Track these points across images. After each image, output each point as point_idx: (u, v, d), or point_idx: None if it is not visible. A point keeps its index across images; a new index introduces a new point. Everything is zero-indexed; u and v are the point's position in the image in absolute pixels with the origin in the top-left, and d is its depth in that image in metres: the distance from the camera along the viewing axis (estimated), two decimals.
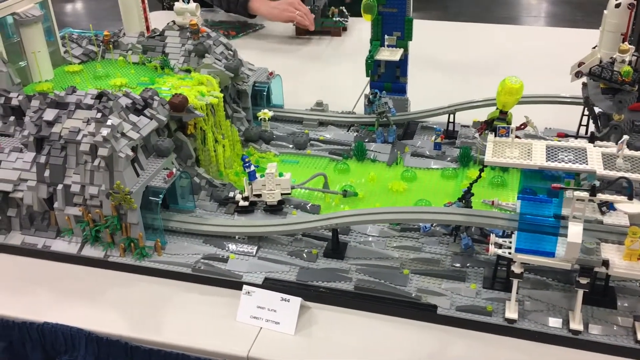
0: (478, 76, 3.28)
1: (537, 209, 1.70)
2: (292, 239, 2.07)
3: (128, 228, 2.00)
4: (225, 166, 2.43)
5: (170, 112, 2.21)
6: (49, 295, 1.96)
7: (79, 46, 2.67)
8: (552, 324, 1.70)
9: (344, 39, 3.92)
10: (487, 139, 1.70)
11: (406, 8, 2.58)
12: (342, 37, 3.92)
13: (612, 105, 1.84)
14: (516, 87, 1.67)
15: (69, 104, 2.06)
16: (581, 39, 3.73)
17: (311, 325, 1.81)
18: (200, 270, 1.96)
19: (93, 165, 1.97)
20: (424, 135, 2.66)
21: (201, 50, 2.51)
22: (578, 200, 1.50)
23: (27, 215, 2.11)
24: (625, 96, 1.81)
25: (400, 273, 1.90)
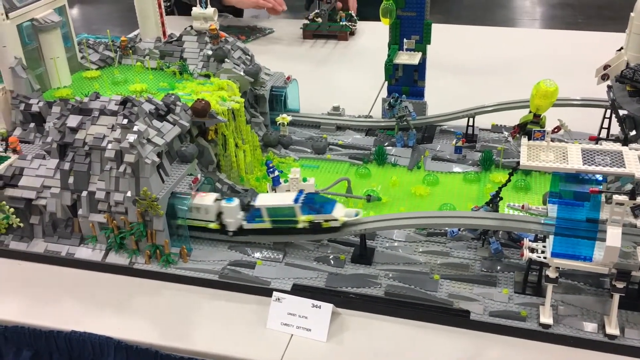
0: (492, 79, 3.28)
1: (570, 213, 1.69)
2: (318, 244, 2.06)
3: (154, 235, 1.99)
4: (247, 171, 2.42)
5: (192, 118, 2.19)
6: (74, 304, 1.94)
7: (95, 52, 2.65)
8: (588, 329, 1.69)
9: (352, 42, 3.92)
10: (520, 143, 1.69)
11: (425, 11, 2.57)
12: (348, 41, 3.91)
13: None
14: (551, 90, 1.66)
15: (92, 110, 2.04)
16: (588, 41, 3.78)
17: (343, 332, 1.79)
18: (227, 277, 1.95)
19: (118, 171, 1.95)
20: (443, 139, 2.65)
21: (220, 55, 2.50)
22: (617, 203, 1.49)
23: (50, 223, 2.09)
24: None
25: (430, 278, 1.89)
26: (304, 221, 1.88)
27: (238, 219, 1.97)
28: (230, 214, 1.97)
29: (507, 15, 8.80)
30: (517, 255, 1.94)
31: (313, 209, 1.89)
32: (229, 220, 1.98)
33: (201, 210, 1.99)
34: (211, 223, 1.99)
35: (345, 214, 1.88)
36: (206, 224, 2.00)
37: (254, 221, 1.96)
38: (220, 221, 1.99)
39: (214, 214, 1.98)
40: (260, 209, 1.93)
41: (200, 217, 2.00)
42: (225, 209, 1.97)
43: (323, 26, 3.87)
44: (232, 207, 1.96)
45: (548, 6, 9.13)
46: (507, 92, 2.68)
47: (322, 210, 1.88)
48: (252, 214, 1.97)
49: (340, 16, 3.92)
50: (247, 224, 1.97)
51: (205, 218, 2.00)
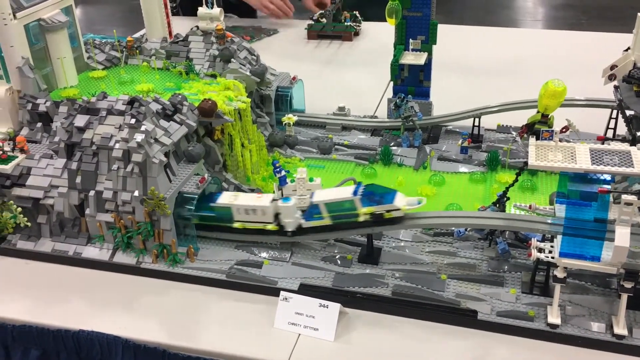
0: (496, 79, 3.28)
1: (578, 213, 1.69)
2: (325, 244, 2.06)
3: (161, 234, 1.99)
4: (253, 171, 2.42)
5: (199, 118, 2.20)
6: (82, 303, 1.94)
7: (102, 52, 2.65)
8: (596, 329, 1.69)
9: (356, 43, 3.92)
10: (528, 143, 1.69)
11: (431, 12, 2.57)
12: (352, 42, 3.91)
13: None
14: (559, 90, 1.66)
15: (100, 109, 2.04)
16: (591, 41, 3.78)
17: (350, 332, 1.80)
18: (235, 277, 1.95)
19: (126, 171, 1.96)
20: (448, 139, 2.65)
21: (227, 55, 2.50)
22: (626, 203, 1.49)
23: (58, 222, 2.10)
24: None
25: (437, 278, 1.89)
26: (365, 213, 1.82)
27: (296, 217, 1.92)
28: (288, 213, 1.91)
29: (509, 15, 8.80)
30: (524, 256, 1.95)
31: (373, 200, 1.81)
32: (288, 220, 1.92)
33: (257, 212, 1.93)
34: (269, 225, 1.94)
35: (407, 202, 1.81)
36: (264, 226, 1.95)
37: (313, 218, 1.89)
38: (278, 222, 1.94)
39: (271, 215, 1.93)
40: (318, 205, 1.87)
41: (256, 219, 1.95)
42: (283, 209, 1.91)
43: (327, 27, 3.88)
44: (289, 207, 1.90)
45: (550, 7, 9.13)
46: (512, 92, 2.68)
47: (382, 201, 1.81)
48: (309, 211, 1.90)
49: (345, 17, 3.93)
50: (306, 222, 1.91)
51: (263, 220, 1.94)
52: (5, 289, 2.01)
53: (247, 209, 1.94)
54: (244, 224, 1.97)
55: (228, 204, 1.96)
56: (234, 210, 1.96)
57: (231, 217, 1.97)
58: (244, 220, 1.96)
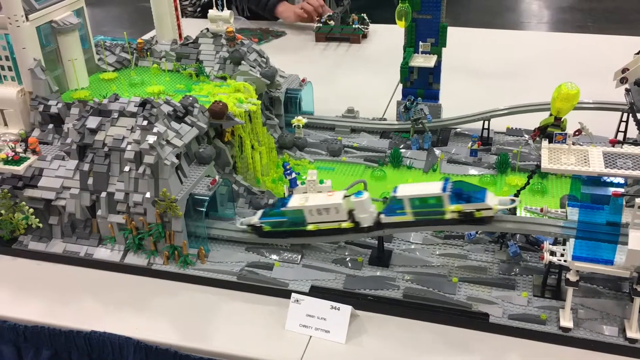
0: (504, 82, 3.28)
1: (591, 216, 1.69)
2: (335, 246, 2.06)
3: (172, 236, 1.99)
4: (263, 173, 2.42)
5: (210, 119, 2.20)
6: (93, 304, 1.95)
7: (112, 54, 2.66)
8: (608, 332, 1.69)
9: (364, 45, 3.92)
10: (541, 146, 1.69)
11: (440, 14, 2.57)
12: (360, 44, 3.91)
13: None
14: (573, 93, 1.66)
15: (111, 111, 2.05)
16: (599, 44, 3.78)
17: (361, 334, 1.80)
18: (245, 278, 1.95)
19: (138, 172, 1.96)
20: (458, 142, 2.65)
21: (237, 57, 2.51)
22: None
23: (69, 223, 2.10)
24: None
25: (448, 281, 1.89)
26: (452, 211, 1.73)
27: (371, 212, 1.84)
28: (363, 208, 1.83)
29: (515, 18, 8.79)
30: (535, 259, 1.94)
31: (462, 198, 1.74)
32: (363, 216, 1.84)
33: (331, 211, 1.85)
34: (344, 223, 1.86)
35: (499, 202, 1.72)
36: (339, 225, 1.87)
37: (394, 214, 1.81)
38: (352, 218, 1.85)
39: (345, 212, 1.85)
40: (402, 200, 1.77)
41: (330, 218, 1.87)
42: (357, 204, 1.83)
43: (336, 29, 3.88)
44: (364, 201, 1.82)
45: (557, 10, 9.12)
46: (521, 95, 2.68)
47: (472, 199, 1.73)
48: (391, 206, 1.81)
49: (353, 19, 3.93)
50: (386, 217, 1.83)
51: (336, 218, 1.86)
52: (16, 290, 2.01)
53: (320, 209, 1.86)
54: (317, 226, 1.89)
55: (300, 207, 1.88)
56: (306, 212, 1.88)
57: (304, 220, 1.90)
58: (318, 222, 1.88)
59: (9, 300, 1.97)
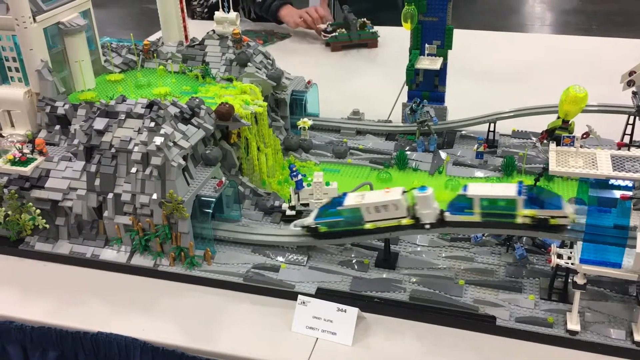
0: (510, 84, 3.28)
1: (598, 219, 1.68)
2: (341, 248, 2.06)
3: (178, 237, 2.00)
4: (268, 175, 2.42)
5: (216, 121, 2.21)
6: (100, 305, 1.95)
7: (118, 55, 2.67)
8: (615, 336, 1.69)
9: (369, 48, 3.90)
10: (548, 148, 1.69)
11: (447, 17, 2.57)
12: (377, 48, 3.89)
13: None
14: (581, 96, 1.66)
15: (119, 112, 2.05)
16: (603, 47, 3.77)
17: (368, 336, 1.80)
18: (252, 280, 1.95)
19: (144, 174, 1.97)
20: (463, 145, 2.65)
21: (243, 59, 2.51)
22: None
23: (76, 224, 2.11)
24: None
25: (455, 283, 1.89)
26: (525, 216, 1.68)
27: (434, 208, 1.79)
28: (426, 204, 1.77)
29: (519, 20, 8.79)
30: (542, 261, 1.94)
31: (537, 203, 1.68)
32: (425, 212, 1.78)
33: (390, 208, 1.80)
34: (403, 219, 1.81)
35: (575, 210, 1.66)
36: (398, 222, 1.82)
37: (461, 212, 1.75)
38: (413, 215, 1.80)
39: (404, 208, 1.80)
40: (472, 200, 1.72)
41: (389, 215, 1.81)
42: (421, 199, 1.77)
43: (354, 35, 3.84)
44: (427, 196, 1.76)
45: (560, 12, 9.12)
46: (526, 97, 2.68)
47: (547, 205, 1.68)
48: (458, 204, 1.76)
49: (366, 24, 3.88)
50: (451, 216, 1.76)
51: (396, 215, 1.80)
52: (23, 291, 2.02)
53: (378, 206, 1.80)
54: (375, 224, 1.84)
55: (357, 205, 1.83)
56: (363, 210, 1.83)
57: (361, 218, 1.85)
58: (376, 220, 1.83)
59: (15, 301, 1.98)
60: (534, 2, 9.49)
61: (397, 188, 1.82)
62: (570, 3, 9.20)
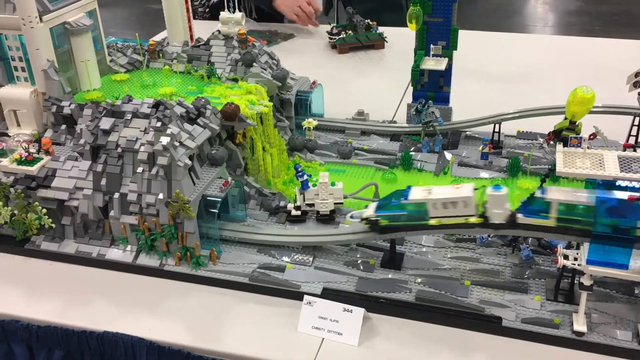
0: (514, 85, 3.28)
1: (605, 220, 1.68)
2: (347, 248, 2.06)
3: (184, 237, 2.00)
4: (273, 175, 2.43)
5: (222, 121, 2.21)
6: (106, 304, 1.95)
7: (124, 55, 2.67)
8: (621, 337, 1.69)
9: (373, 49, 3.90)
10: (555, 149, 1.69)
11: (452, 17, 2.58)
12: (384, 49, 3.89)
13: None
14: (588, 97, 1.66)
15: (125, 112, 2.06)
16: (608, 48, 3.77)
17: (374, 337, 1.80)
18: (257, 280, 1.96)
19: (151, 174, 1.97)
20: (468, 145, 2.65)
21: (249, 59, 2.51)
22: None
23: (82, 224, 2.11)
24: None
25: (461, 284, 1.89)
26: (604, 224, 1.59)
27: (506, 209, 1.72)
28: (499, 203, 1.70)
29: (522, 21, 8.79)
30: (548, 262, 1.94)
31: (617, 214, 1.60)
32: (497, 211, 1.71)
33: (458, 205, 1.73)
34: (471, 217, 1.75)
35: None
36: (465, 220, 1.75)
37: (536, 215, 1.68)
38: (482, 213, 1.73)
39: (474, 206, 1.74)
40: (549, 204, 1.64)
41: (457, 212, 1.75)
42: (493, 198, 1.70)
43: (361, 37, 3.83)
44: (501, 195, 1.69)
45: (563, 13, 9.11)
46: (531, 98, 2.69)
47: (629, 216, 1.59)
48: (533, 207, 1.68)
49: (372, 25, 3.88)
50: (524, 218, 1.70)
51: (464, 213, 1.74)
52: (29, 290, 2.02)
53: (446, 202, 1.74)
54: (440, 220, 1.78)
55: (423, 200, 1.77)
56: (429, 205, 1.76)
57: (426, 213, 1.78)
58: (441, 216, 1.77)
59: (21, 300, 1.98)
60: (536, 3, 9.49)
61: (468, 185, 1.76)
62: (573, 4, 9.19)
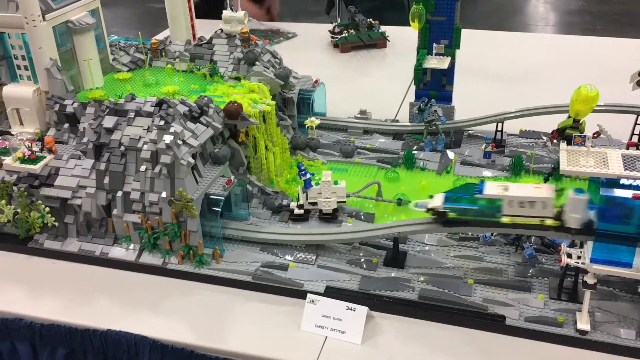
0: (516, 84, 3.28)
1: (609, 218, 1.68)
2: (350, 247, 2.06)
3: (187, 235, 2.00)
4: (276, 174, 2.42)
5: (225, 120, 2.21)
6: (109, 303, 1.95)
7: (126, 54, 2.67)
8: (625, 336, 1.69)
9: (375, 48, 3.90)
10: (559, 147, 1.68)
11: (455, 16, 2.57)
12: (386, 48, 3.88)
13: None
14: (592, 96, 1.66)
15: (128, 111, 2.06)
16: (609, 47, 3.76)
17: (377, 335, 1.79)
18: (261, 278, 1.96)
19: (154, 172, 1.97)
20: (471, 144, 2.65)
21: (251, 58, 2.51)
22: None
23: (85, 222, 2.11)
24: None
25: (464, 283, 1.89)
26: None
27: (586, 214, 1.64)
28: (578, 208, 1.63)
29: (523, 20, 8.77)
30: (551, 261, 1.94)
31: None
32: (574, 216, 1.64)
33: (536, 205, 1.68)
34: (548, 220, 1.69)
35: None
36: (541, 221, 1.69)
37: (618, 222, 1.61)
38: (559, 216, 1.67)
39: (552, 208, 1.67)
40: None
41: (533, 213, 1.68)
42: (573, 202, 1.63)
43: (363, 36, 3.82)
44: (582, 200, 1.63)
45: (565, 12, 9.09)
46: (533, 97, 2.69)
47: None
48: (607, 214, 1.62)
49: (375, 24, 3.87)
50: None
51: (541, 214, 1.69)
52: (32, 288, 2.02)
53: (524, 201, 1.68)
54: (513, 219, 1.71)
55: (499, 196, 1.71)
56: (505, 202, 1.70)
57: (499, 210, 1.72)
58: (516, 214, 1.71)
59: (24, 299, 1.98)
60: (537, 2, 9.47)
61: (549, 185, 1.71)
62: (574, 3, 9.17)
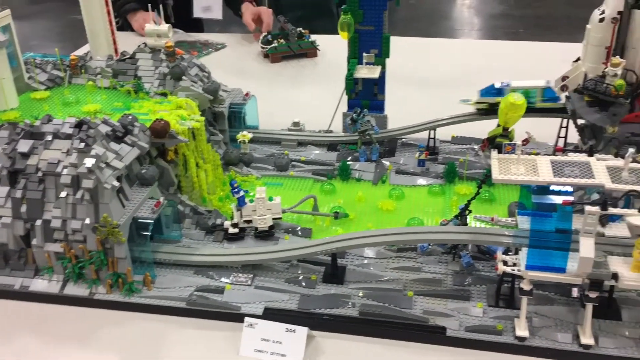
0: (446, 90, 3.29)
1: (540, 224, 1.70)
2: (287, 265, 2.01)
3: (115, 263, 1.90)
4: (209, 192, 2.34)
5: (151, 139, 2.11)
6: (33, 340, 1.82)
7: (43, 71, 2.53)
8: (562, 340, 1.70)
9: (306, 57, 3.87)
10: (490, 156, 1.69)
11: (383, 25, 2.57)
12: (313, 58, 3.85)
13: (604, 118, 1.88)
14: (519, 103, 1.68)
15: (45, 133, 1.94)
16: (532, 51, 3.88)
17: (318, 356, 1.75)
18: (195, 304, 1.87)
19: (75, 198, 1.85)
20: (405, 152, 2.65)
21: (178, 72, 2.43)
22: (590, 214, 1.51)
23: (1, 254, 1.97)
24: (618, 109, 1.85)
25: (404, 295, 1.87)
26: None
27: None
28: None
29: (450, 26, 8.99)
30: (487, 268, 1.95)
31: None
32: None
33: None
34: None
35: None
36: None
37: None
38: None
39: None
40: None
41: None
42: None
43: (293, 46, 3.79)
44: None
45: (488, 17, 9.37)
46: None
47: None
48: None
49: (305, 33, 3.84)
50: None
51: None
52: None
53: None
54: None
55: None
56: None
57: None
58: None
59: None
60: (462, 7, 9.74)
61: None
62: (497, 7, 9.48)
